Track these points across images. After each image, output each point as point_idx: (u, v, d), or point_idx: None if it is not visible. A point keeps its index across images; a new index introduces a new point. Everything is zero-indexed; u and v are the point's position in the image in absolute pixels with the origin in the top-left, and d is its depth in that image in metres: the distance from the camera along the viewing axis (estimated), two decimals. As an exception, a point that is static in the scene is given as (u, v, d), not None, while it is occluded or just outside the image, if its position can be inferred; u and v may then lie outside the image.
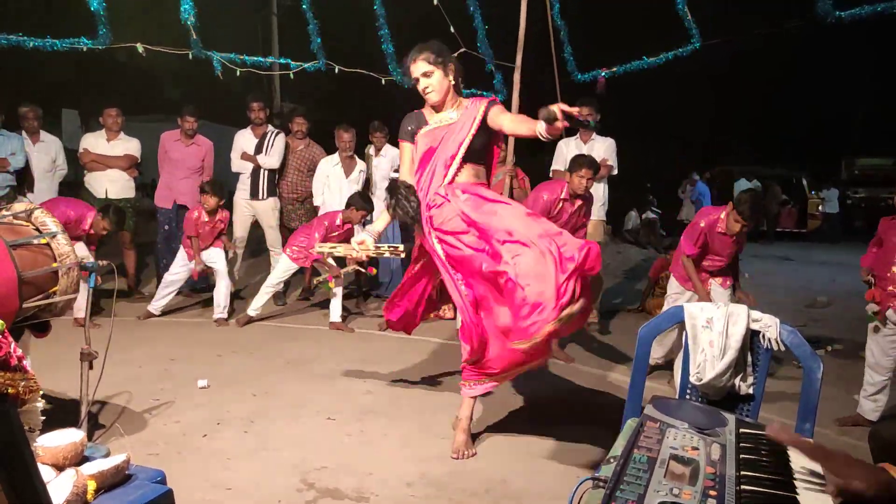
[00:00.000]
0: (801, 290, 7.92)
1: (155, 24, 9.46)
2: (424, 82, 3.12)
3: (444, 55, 3.14)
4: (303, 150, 6.44)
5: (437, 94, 3.15)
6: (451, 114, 3.19)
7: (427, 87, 3.13)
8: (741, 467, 1.49)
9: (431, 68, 3.11)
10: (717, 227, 4.26)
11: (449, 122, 3.19)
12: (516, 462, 3.09)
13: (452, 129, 3.16)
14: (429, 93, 3.15)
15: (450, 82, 3.15)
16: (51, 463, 1.70)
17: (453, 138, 3.14)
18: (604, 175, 5.76)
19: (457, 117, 3.17)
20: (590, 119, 4.20)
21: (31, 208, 2.28)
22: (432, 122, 3.23)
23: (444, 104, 3.19)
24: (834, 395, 4.01)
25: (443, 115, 3.21)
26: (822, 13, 4.89)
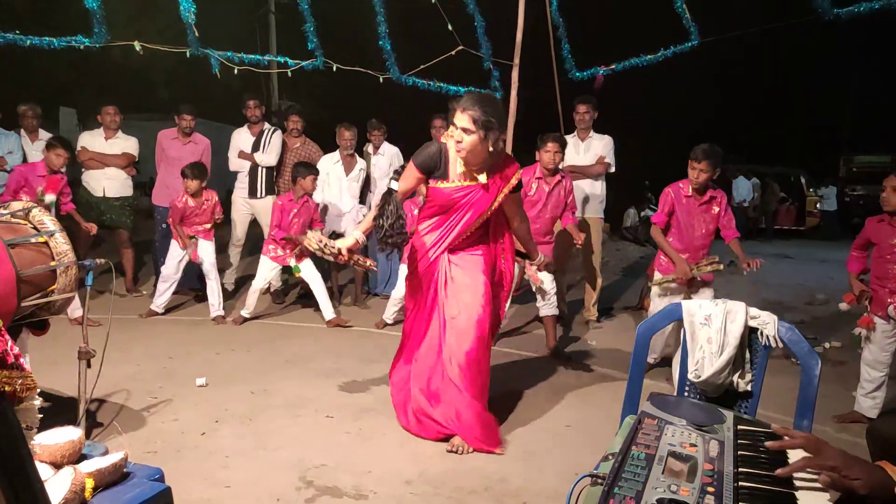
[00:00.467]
0: (800, 288, 7.93)
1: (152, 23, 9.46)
2: (459, 136, 2.95)
3: (489, 121, 2.90)
4: (299, 147, 6.44)
5: (467, 155, 2.99)
6: (480, 176, 3.09)
7: (460, 141, 2.95)
8: (739, 464, 1.49)
9: (470, 126, 2.92)
10: (683, 189, 4.24)
11: (474, 184, 3.11)
12: (514, 460, 3.10)
13: (478, 191, 3.11)
14: (458, 150, 2.99)
15: (486, 150, 2.98)
16: (49, 461, 1.70)
17: (480, 200, 3.13)
18: (601, 172, 5.77)
19: (483, 181, 3.08)
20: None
21: (29, 206, 2.27)
22: (454, 178, 3.12)
23: (472, 163, 3.06)
24: (832, 392, 4.02)
25: (468, 172, 3.09)
26: (821, 10, 4.89)
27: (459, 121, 2.93)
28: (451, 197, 3.15)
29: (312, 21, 5.71)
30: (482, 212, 3.15)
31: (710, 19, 5.67)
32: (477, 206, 3.14)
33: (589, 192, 5.77)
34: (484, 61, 6.19)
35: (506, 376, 4.32)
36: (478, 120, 2.90)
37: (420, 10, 5.87)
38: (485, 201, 3.13)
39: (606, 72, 6.09)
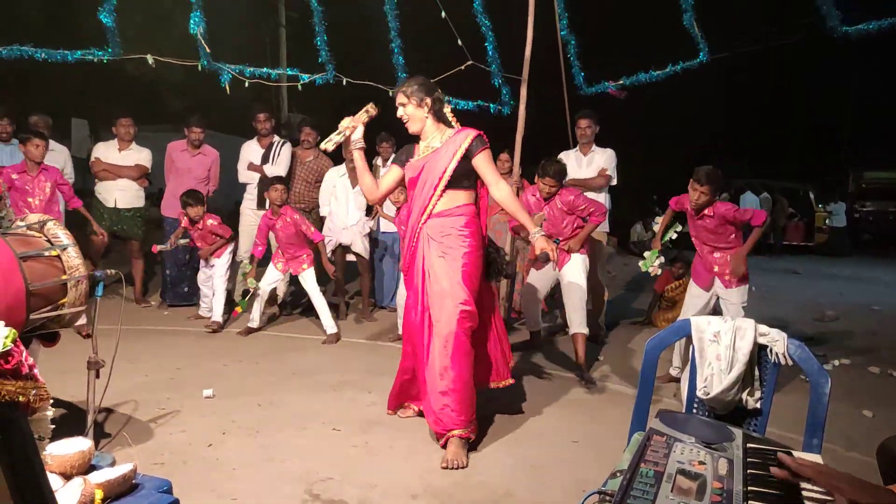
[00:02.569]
0: (809, 304, 7.89)
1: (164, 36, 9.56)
2: (400, 112, 3.44)
3: (417, 90, 3.38)
4: (311, 161, 6.48)
5: (413, 124, 3.43)
6: (433, 143, 3.43)
7: (402, 116, 3.44)
8: (748, 482, 1.48)
9: (406, 100, 3.40)
10: (686, 202, 4.36)
11: (430, 151, 3.41)
12: (521, 475, 3.08)
13: (435, 157, 3.37)
14: (405, 123, 3.45)
15: (424, 114, 3.40)
16: (59, 471, 1.71)
17: (436, 166, 3.34)
18: (603, 185, 5.77)
19: (439, 145, 3.39)
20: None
21: (45, 220, 2.30)
22: (418, 153, 3.48)
23: (424, 134, 3.45)
24: (842, 410, 3.99)
25: (425, 145, 3.46)
26: (830, 28, 4.90)
27: (398, 100, 3.44)
28: (416, 166, 3.43)
29: (324, 35, 5.77)
30: (441, 174, 3.32)
31: (715, 26, 5.68)
32: (435, 169, 3.34)
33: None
34: (493, 76, 6.23)
35: (512, 390, 4.31)
36: (406, 92, 3.39)
37: (430, 24, 5.92)
38: (442, 163, 3.33)
39: (616, 87, 6.11)
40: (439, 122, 3.45)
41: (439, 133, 3.44)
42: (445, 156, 3.33)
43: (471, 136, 3.34)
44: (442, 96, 3.47)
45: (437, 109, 3.43)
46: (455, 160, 3.30)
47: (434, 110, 3.42)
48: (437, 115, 3.43)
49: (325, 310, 5.47)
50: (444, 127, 3.46)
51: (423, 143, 3.46)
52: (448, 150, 3.34)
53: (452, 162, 3.30)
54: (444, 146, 3.36)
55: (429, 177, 3.36)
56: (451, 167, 3.30)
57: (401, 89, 3.43)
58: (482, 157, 3.33)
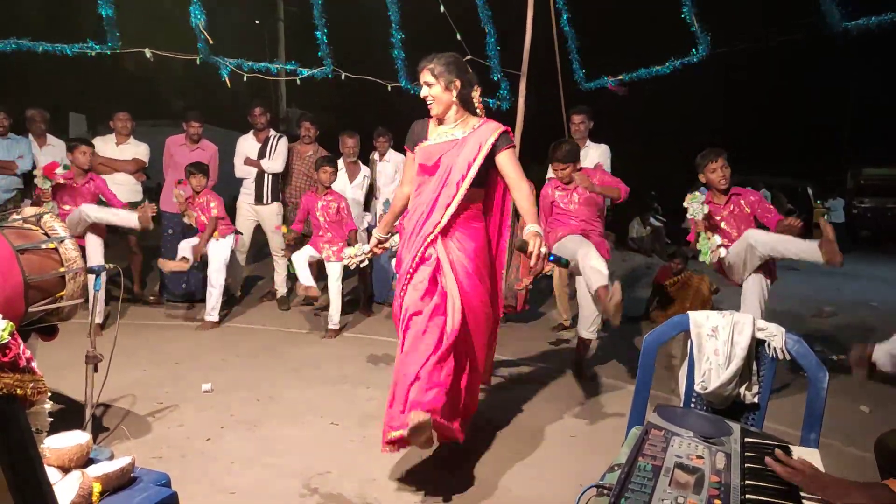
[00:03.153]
0: (807, 300, 7.90)
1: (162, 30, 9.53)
2: (425, 91, 3.08)
3: (449, 70, 3.03)
4: (311, 155, 6.46)
5: (437, 107, 3.08)
6: (454, 131, 3.09)
7: (427, 97, 3.08)
8: (746, 476, 1.48)
9: (433, 80, 3.03)
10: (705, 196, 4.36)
11: (449, 138, 3.08)
12: (520, 469, 3.09)
13: (457, 150, 3.04)
14: (429, 104, 3.10)
15: (451, 98, 3.05)
16: (56, 465, 1.71)
17: (459, 161, 3.01)
18: None
19: (460, 136, 3.06)
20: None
21: (41, 212, 2.30)
22: (432, 137, 3.14)
23: (444, 118, 3.11)
24: (839, 405, 3.99)
25: (443, 130, 3.12)
26: (830, 24, 4.90)
27: (422, 77, 3.07)
28: (431, 151, 3.09)
29: (324, 28, 5.75)
30: (466, 171, 3.00)
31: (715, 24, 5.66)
32: (458, 164, 3.01)
33: None
34: (493, 71, 6.22)
35: (511, 386, 4.32)
36: (434, 71, 3.03)
37: (429, 19, 5.90)
38: (465, 158, 3.01)
39: (615, 82, 6.10)
40: (464, 110, 3.11)
41: (462, 121, 3.10)
42: (469, 151, 3.02)
43: (498, 132, 3.04)
44: (473, 78, 3.14)
45: (466, 94, 3.08)
46: (481, 157, 3.00)
47: (462, 95, 3.07)
48: (463, 100, 3.09)
49: (338, 304, 5.47)
50: (469, 115, 3.12)
51: (442, 128, 3.13)
52: (472, 144, 3.02)
53: (479, 159, 3.00)
54: (468, 139, 3.04)
55: (450, 172, 3.03)
56: (477, 164, 3.00)
57: (427, 66, 3.05)
58: (507, 155, 3.05)
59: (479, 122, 3.10)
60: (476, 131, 3.06)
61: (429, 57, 3.09)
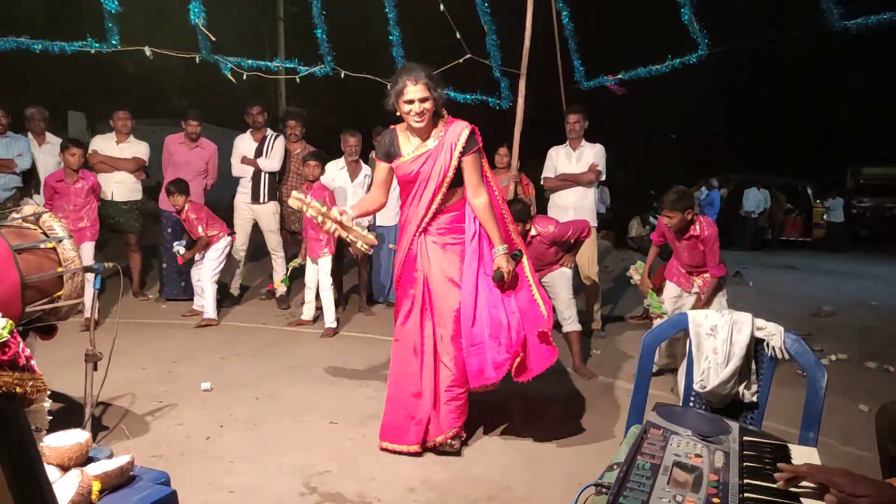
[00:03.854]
0: (806, 299, 7.90)
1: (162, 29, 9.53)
2: (419, 107, 3.03)
3: (438, 83, 3.08)
4: (299, 153, 6.46)
5: (425, 121, 3.09)
6: (427, 142, 3.15)
7: (422, 112, 3.04)
8: (744, 475, 1.48)
9: (429, 94, 3.02)
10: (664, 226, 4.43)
11: (423, 150, 3.14)
12: (519, 468, 3.09)
13: (432, 158, 3.11)
14: (420, 119, 3.06)
15: (432, 113, 3.10)
16: (56, 463, 1.71)
17: (437, 167, 3.11)
18: (593, 181, 5.75)
19: (433, 145, 3.13)
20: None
21: (40, 212, 2.29)
22: (407, 152, 3.17)
23: (420, 131, 3.14)
24: (838, 404, 4.00)
25: (418, 143, 3.16)
26: (829, 23, 4.90)
27: (416, 92, 3.01)
28: (409, 168, 3.15)
29: (323, 25, 5.75)
30: (444, 176, 3.10)
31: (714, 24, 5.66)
32: (436, 171, 3.10)
33: (581, 202, 5.75)
34: (493, 70, 6.21)
35: (510, 384, 4.32)
36: (430, 85, 3.03)
37: (428, 18, 5.90)
38: (443, 164, 3.10)
39: (614, 81, 6.10)
40: (437, 118, 3.18)
41: (434, 130, 3.15)
42: (444, 155, 3.10)
43: (466, 133, 3.10)
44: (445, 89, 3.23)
45: (441, 105, 3.16)
46: (455, 159, 3.08)
47: (439, 106, 3.14)
48: (438, 111, 3.16)
49: (331, 303, 5.47)
50: (438, 122, 3.18)
51: (417, 140, 3.17)
52: (446, 148, 3.10)
53: (453, 161, 3.08)
54: (441, 145, 3.11)
55: (428, 179, 3.13)
56: (453, 167, 3.09)
57: (423, 80, 3.01)
58: (470, 160, 3.12)
59: (445, 124, 3.16)
60: (445, 135, 3.13)
61: (413, 68, 3.07)
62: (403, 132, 3.22)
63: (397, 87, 3.06)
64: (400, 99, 3.05)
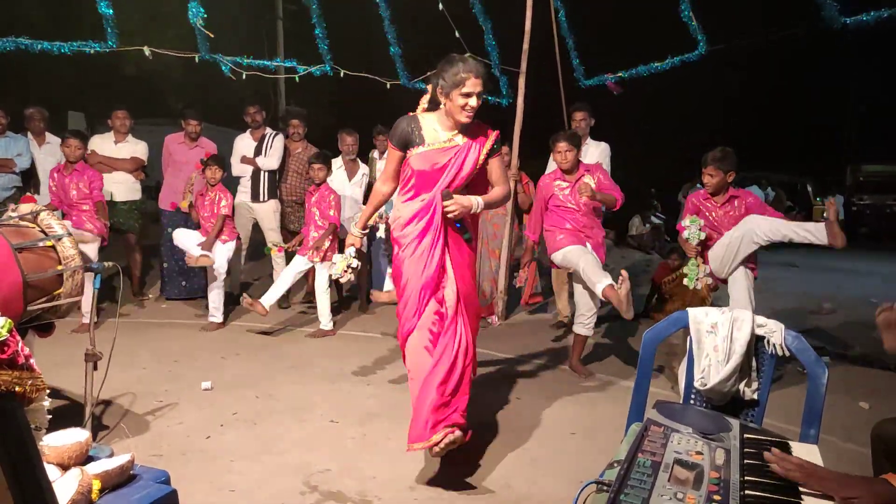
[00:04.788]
0: (806, 297, 7.90)
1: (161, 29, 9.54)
2: (475, 102, 2.99)
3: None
4: (301, 152, 6.45)
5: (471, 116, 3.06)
6: (456, 137, 3.10)
7: (475, 107, 3.01)
8: (745, 472, 1.48)
9: (482, 90, 3.01)
10: (702, 194, 4.35)
11: (452, 144, 3.09)
12: (520, 466, 3.09)
13: (459, 153, 3.08)
14: (471, 114, 3.03)
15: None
16: (56, 462, 1.70)
17: (467, 161, 3.08)
18: None
19: (461, 142, 3.10)
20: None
21: (38, 210, 2.29)
22: (434, 141, 3.10)
23: (455, 124, 3.09)
24: (838, 402, 4.00)
25: (447, 136, 3.11)
26: (828, 19, 4.90)
27: (476, 86, 2.97)
28: (436, 159, 3.09)
29: (322, 23, 5.75)
30: (470, 171, 3.10)
31: (713, 23, 5.67)
32: (462, 166, 3.08)
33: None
34: (491, 68, 6.21)
35: (511, 383, 4.32)
36: (484, 79, 3.01)
37: (427, 16, 5.90)
38: (469, 160, 3.09)
39: (614, 79, 6.09)
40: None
41: (461, 127, 3.10)
42: (474, 152, 3.09)
43: (494, 136, 3.14)
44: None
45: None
46: (482, 158, 3.10)
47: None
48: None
49: (327, 305, 5.46)
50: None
51: (445, 133, 3.11)
52: (475, 146, 3.10)
53: (481, 158, 3.10)
54: (470, 143, 3.10)
55: (451, 174, 3.08)
56: (480, 164, 3.11)
57: (480, 74, 2.99)
58: (498, 160, 3.19)
59: (471, 125, 3.11)
60: (474, 135, 3.11)
61: (472, 61, 3.03)
62: (430, 121, 3.13)
63: (455, 77, 2.97)
64: (456, 90, 2.96)
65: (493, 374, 4.51)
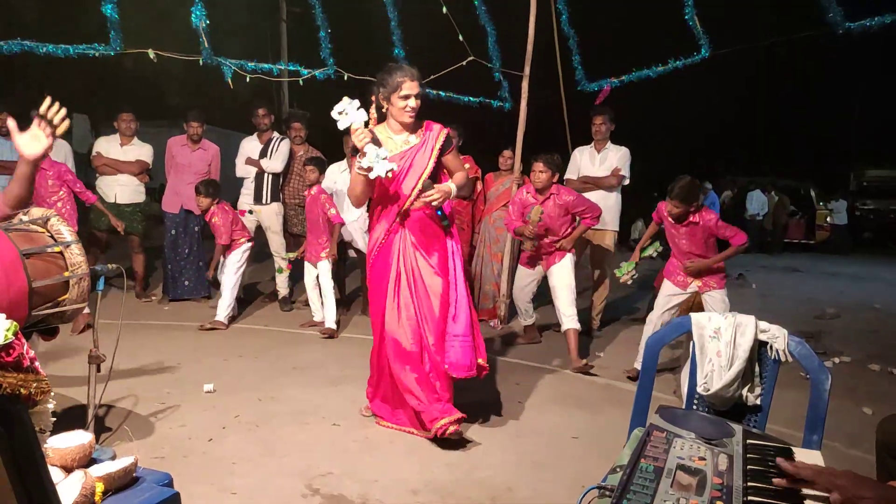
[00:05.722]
0: (810, 302, 7.89)
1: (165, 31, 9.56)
2: (414, 103, 3.27)
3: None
4: (303, 155, 6.47)
5: (414, 119, 3.33)
6: (410, 138, 3.37)
7: (416, 107, 3.28)
8: (748, 478, 1.48)
9: (420, 92, 3.28)
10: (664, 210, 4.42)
11: (408, 146, 3.35)
12: (522, 470, 3.09)
13: (414, 152, 3.33)
14: (413, 115, 3.30)
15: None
16: (59, 464, 1.71)
17: (417, 161, 3.32)
18: (614, 185, 5.77)
19: (416, 141, 3.36)
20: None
21: (48, 215, 2.29)
22: (391, 149, 3.31)
23: (405, 127, 3.36)
24: (842, 407, 3.99)
25: (402, 139, 3.37)
26: (832, 24, 4.90)
27: (413, 88, 3.25)
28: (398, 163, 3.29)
29: (326, 29, 5.76)
30: (423, 169, 3.31)
31: (717, 25, 5.67)
32: (417, 165, 3.31)
33: (601, 205, 5.74)
34: (494, 72, 6.22)
35: (512, 386, 4.32)
36: (422, 83, 3.33)
37: (431, 20, 5.91)
38: (423, 159, 3.32)
39: (616, 83, 6.10)
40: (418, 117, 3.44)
41: (417, 128, 3.39)
42: (426, 151, 3.33)
43: (444, 135, 3.37)
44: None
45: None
46: (434, 156, 3.33)
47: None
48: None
49: (332, 304, 5.48)
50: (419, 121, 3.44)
51: (400, 137, 3.38)
52: (427, 146, 3.34)
53: (433, 155, 3.33)
54: (424, 142, 3.35)
55: (408, 172, 3.32)
56: (433, 161, 3.32)
57: (415, 77, 3.28)
58: (451, 157, 3.42)
59: (423, 126, 3.39)
60: (426, 135, 3.36)
61: (405, 67, 3.34)
62: (384, 131, 3.39)
63: (392, 82, 3.25)
64: (395, 94, 3.25)
65: (494, 377, 4.51)
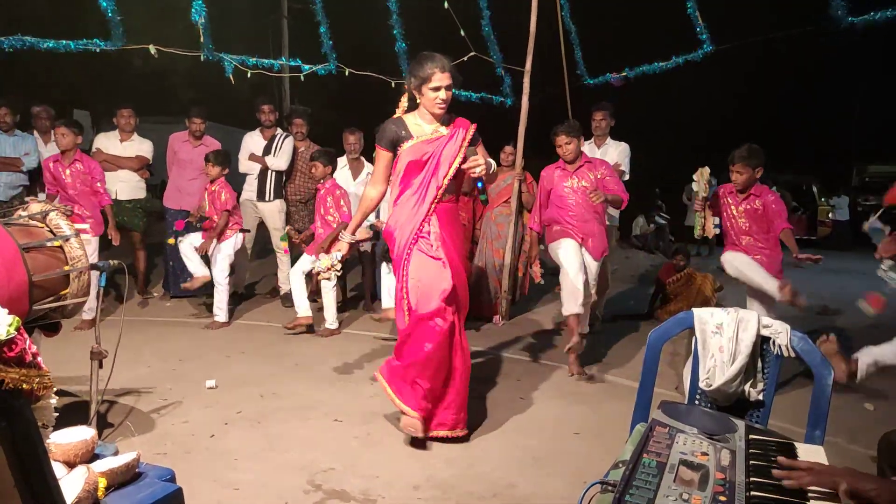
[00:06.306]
0: (811, 298, 7.87)
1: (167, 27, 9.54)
2: (445, 94, 3.20)
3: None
4: (304, 151, 6.46)
5: (445, 110, 3.27)
6: (441, 128, 3.31)
7: (446, 99, 3.21)
8: (751, 473, 1.48)
9: (451, 84, 3.21)
10: (728, 187, 4.41)
11: (438, 135, 3.29)
12: (524, 466, 3.09)
13: (444, 142, 3.28)
14: (444, 106, 3.24)
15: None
16: (62, 460, 1.71)
17: (447, 153, 3.26)
18: None
19: (446, 132, 3.30)
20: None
21: (47, 209, 2.29)
22: (418, 135, 3.29)
23: (436, 117, 3.30)
24: (844, 403, 3.99)
25: (431, 128, 3.31)
26: (836, 19, 4.88)
27: (444, 80, 3.18)
28: (424, 149, 3.27)
29: (327, 24, 5.75)
30: (453, 160, 3.26)
31: (719, 20, 5.66)
32: (447, 155, 3.26)
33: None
34: (496, 67, 6.21)
35: (514, 382, 4.32)
36: (453, 74, 3.23)
37: (432, 15, 5.90)
38: (453, 150, 3.27)
39: (618, 78, 6.09)
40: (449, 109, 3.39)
41: (447, 119, 3.33)
42: (456, 142, 3.28)
43: (473, 127, 3.34)
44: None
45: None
46: (464, 148, 3.28)
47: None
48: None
49: (332, 303, 5.46)
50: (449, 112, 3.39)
51: (430, 126, 3.31)
52: (458, 137, 3.29)
53: (464, 146, 3.28)
54: (454, 133, 3.29)
55: (438, 163, 3.26)
56: (463, 152, 3.27)
57: (448, 70, 3.21)
58: (481, 148, 3.39)
59: (451, 118, 3.35)
60: (456, 125, 3.32)
61: (437, 57, 3.23)
62: (413, 119, 3.33)
63: (422, 73, 3.19)
64: (425, 85, 3.19)
65: (496, 373, 4.51)
